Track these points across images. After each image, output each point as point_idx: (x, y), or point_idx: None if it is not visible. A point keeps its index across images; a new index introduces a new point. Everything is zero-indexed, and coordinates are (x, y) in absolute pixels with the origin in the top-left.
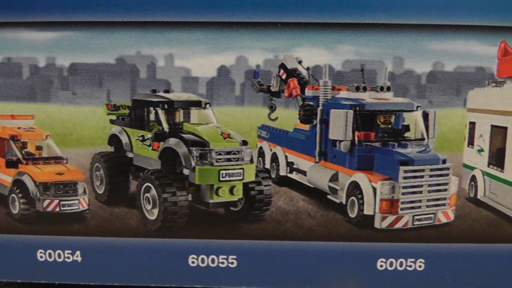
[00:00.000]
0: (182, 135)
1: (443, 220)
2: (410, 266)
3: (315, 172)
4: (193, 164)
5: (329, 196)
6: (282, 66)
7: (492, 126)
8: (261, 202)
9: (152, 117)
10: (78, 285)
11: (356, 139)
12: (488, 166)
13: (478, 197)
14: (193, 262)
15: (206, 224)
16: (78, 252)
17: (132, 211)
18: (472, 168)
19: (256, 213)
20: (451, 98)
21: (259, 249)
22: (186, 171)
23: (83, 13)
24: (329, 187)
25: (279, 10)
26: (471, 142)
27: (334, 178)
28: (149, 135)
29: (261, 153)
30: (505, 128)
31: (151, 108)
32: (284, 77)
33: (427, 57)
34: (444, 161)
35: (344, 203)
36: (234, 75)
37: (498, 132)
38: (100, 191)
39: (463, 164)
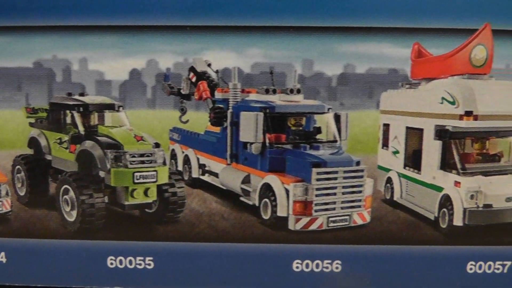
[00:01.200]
0: (97, 137)
1: (359, 221)
2: (327, 268)
3: (227, 174)
4: (108, 166)
5: (242, 198)
6: (192, 69)
7: (407, 127)
8: (175, 204)
9: (68, 120)
10: (4, 286)
11: (267, 141)
12: (404, 167)
13: (395, 198)
14: (111, 264)
15: (123, 226)
16: (2, 253)
17: (53, 212)
18: (388, 170)
19: (171, 215)
20: (363, 100)
21: (175, 250)
22: (102, 173)
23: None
24: (242, 189)
25: (188, 14)
26: (385, 144)
27: (246, 180)
28: (66, 137)
29: (173, 156)
30: (421, 130)
31: (67, 111)
32: (194, 80)
33: (337, 60)
34: (357, 163)
35: (257, 205)
36: (145, 78)
37: (413, 133)
38: (22, 193)
39: (378, 166)
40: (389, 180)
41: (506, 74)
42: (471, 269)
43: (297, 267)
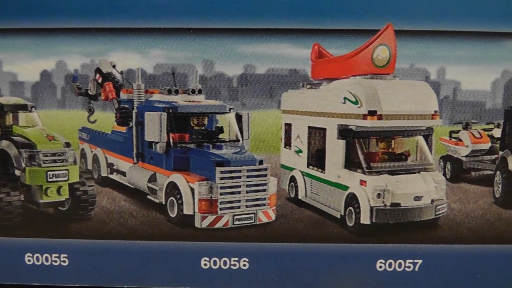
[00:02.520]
0: (13, 137)
1: (264, 220)
2: (235, 265)
3: (134, 173)
4: (23, 165)
5: (149, 196)
6: (98, 70)
7: (310, 127)
8: (86, 202)
9: None
10: None
11: (171, 140)
12: (308, 166)
13: (299, 197)
14: (29, 261)
15: (39, 224)
16: None
17: None
18: (291, 169)
19: (82, 212)
20: (264, 100)
21: (88, 247)
22: (18, 172)
23: None
24: (148, 187)
25: (94, 16)
26: (288, 143)
27: (153, 179)
28: None
29: (83, 155)
30: (324, 129)
31: None
32: (100, 81)
33: (237, 60)
34: (260, 162)
35: (163, 203)
36: (55, 79)
37: (316, 133)
38: None
39: (281, 165)
40: (293, 179)
41: (410, 73)
42: (380, 267)
43: (205, 264)
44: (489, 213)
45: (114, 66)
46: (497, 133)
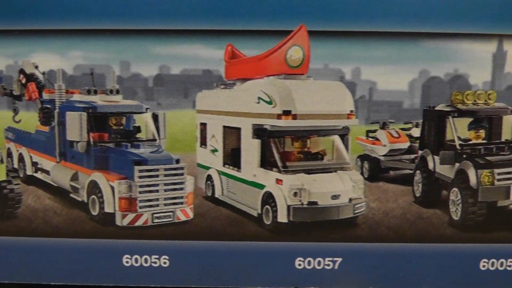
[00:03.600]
0: None
1: (182, 218)
2: (155, 263)
3: (57, 172)
4: None
5: (72, 195)
6: (22, 71)
7: (225, 127)
8: (12, 200)
9: None
10: None
11: (91, 140)
12: (224, 165)
13: (216, 195)
14: None
15: None
16: None
17: None
18: (207, 168)
19: (9, 210)
20: (179, 100)
21: (15, 245)
22: None
23: None
24: (71, 186)
25: (16, 17)
26: (203, 143)
27: (75, 178)
28: None
29: (9, 154)
30: (239, 129)
31: None
32: (24, 81)
33: (152, 61)
34: (177, 161)
35: (86, 201)
36: None
37: (231, 132)
38: None
39: (198, 164)
40: (209, 178)
41: (325, 74)
42: (299, 265)
43: (127, 262)
44: (409, 212)
45: (36, 67)
46: (416, 132)
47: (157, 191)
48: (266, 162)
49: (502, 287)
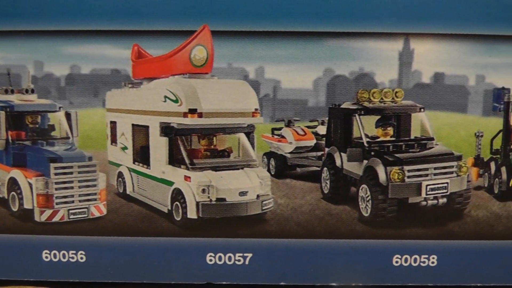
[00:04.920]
0: None
1: (96, 214)
2: (73, 258)
3: None
4: None
5: None
6: None
7: (133, 125)
8: None
9: None
10: None
11: (10, 138)
12: (134, 163)
13: (127, 192)
14: None
15: None
16: None
17: None
18: (118, 165)
19: None
20: (90, 99)
21: None
22: None
23: None
24: None
25: None
26: (114, 140)
27: None
28: None
29: None
30: (147, 127)
31: None
32: None
33: (64, 61)
34: (90, 158)
35: (6, 197)
36: None
37: (140, 130)
38: None
39: (109, 161)
40: (120, 175)
41: (229, 73)
42: (211, 260)
43: (46, 257)
44: (318, 209)
45: None
46: (322, 130)
47: (72, 187)
48: (174, 159)
49: (416, 282)
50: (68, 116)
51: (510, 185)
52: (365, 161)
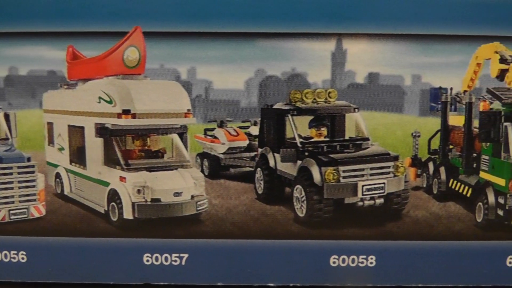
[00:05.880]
0: None
1: (36, 214)
2: (14, 258)
3: None
4: None
5: None
6: None
7: (70, 126)
8: None
9: None
10: None
11: None
12: (71, 163)
13: (65, 193)
14: None
15: None
16: None
17: None
18: (56, 166)
19: None
20: (27, 100)
21: None
22: None
23: None
24: None
25: None
26: (51, 141)
27: None
28: None
29: None
30: (82, 128)
31: None
32: None
33: (2, 62)
34: (28, 159)
35: None
36: None
37: (76, 131)
38: None
39: (47, 162)
40: (58, 175)
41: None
42: (147, 260)
43: None
44: (253, 209)
45: None
46: (255, 130)
47: (12, 188)
48: (110, 160)
49: (355, 283)
50: (7, 117)
51: (450, 185)
52: (299, 162)
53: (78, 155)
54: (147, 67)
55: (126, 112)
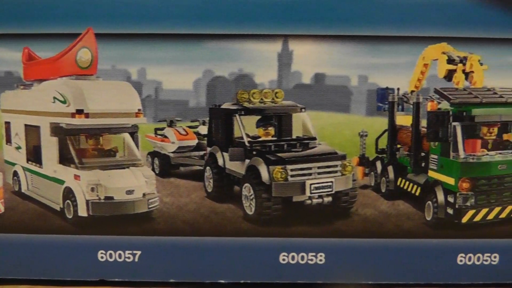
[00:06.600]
0: None
1: None
2: None
3: None
4: None
5: None
6: None
7: (26, 125)
8: None
9: None
10: None
11: None
12: (28, 162)
13: (23, 191)
14: None
15: None
16: None
17: None
18: (14, 164)
19: None
20: None
21: None
22: None
23: None
24: None
25: None
26: (8, 140)
27: None
28: None
29: None
30: (38, 127)
31: None
32: None
33: None
34: None
35: None
36: None
37: (32, 130)
38: None
39: (5, 160)
40: (15, 174)
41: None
42: (102, 257)
43: None
44: (203, 207)
45: None
46: (203, 130)
47: None
48: (65, 158)
49: (305, 279)
50: None
51: (398, 184)
52: (247, 161)
53: (34, 153)
54: (99, 68)
55: (79, 111)
